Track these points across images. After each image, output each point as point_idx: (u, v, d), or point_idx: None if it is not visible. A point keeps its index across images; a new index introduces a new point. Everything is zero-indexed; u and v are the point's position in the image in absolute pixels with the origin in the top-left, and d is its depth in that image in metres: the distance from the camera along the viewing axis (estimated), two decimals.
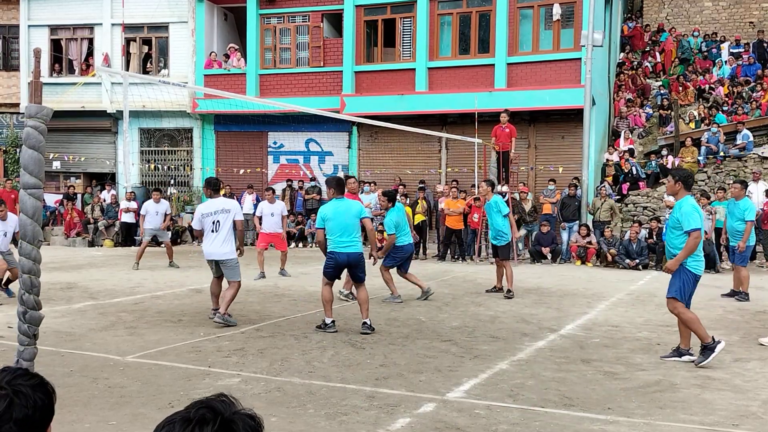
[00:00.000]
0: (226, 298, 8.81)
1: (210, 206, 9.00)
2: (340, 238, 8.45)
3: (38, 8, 23.30)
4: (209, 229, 8.88)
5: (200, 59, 22.02)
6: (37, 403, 1.59)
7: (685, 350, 7.25)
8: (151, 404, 5.56)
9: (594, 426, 5.19)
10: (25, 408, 1.56)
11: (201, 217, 8.96)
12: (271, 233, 13.72)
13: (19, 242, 4.28)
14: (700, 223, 6.89)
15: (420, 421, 5.24)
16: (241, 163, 21.88)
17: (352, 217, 8.51)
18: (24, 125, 4.39)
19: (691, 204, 7.03)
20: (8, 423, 1.54)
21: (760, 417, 5.45)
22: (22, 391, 1.58)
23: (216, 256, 8.87)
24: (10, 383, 1.59)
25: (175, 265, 14.74)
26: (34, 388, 1.60)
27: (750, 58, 22.50)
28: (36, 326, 4.27)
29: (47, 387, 1.64)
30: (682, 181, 7.12)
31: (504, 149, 16.29)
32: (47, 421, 1.62)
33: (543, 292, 11.99)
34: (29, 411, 1.57)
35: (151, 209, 15.06)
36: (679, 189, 7.15)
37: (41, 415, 1.59)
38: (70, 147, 22.91)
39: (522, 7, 19.20)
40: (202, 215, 8.96)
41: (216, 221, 8.85)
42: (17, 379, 1.60)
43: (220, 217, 8.87)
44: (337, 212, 8.46)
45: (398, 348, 7.64)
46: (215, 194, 9.29)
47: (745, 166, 18.48)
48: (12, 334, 7.01)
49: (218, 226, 8.84)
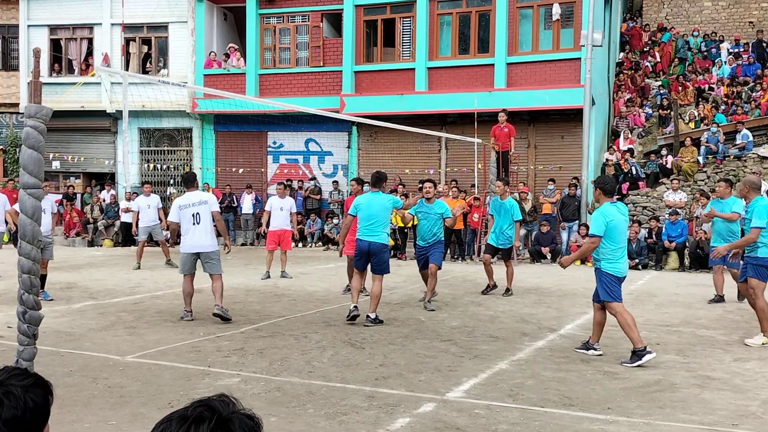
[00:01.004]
0: (218, 292, 8.91)
1: (188, 198, 9.06)
2: (366, 226, 8.92)
3: (38, 8, 23.29)
4: (189, 221, 8.92)
5: (200, 59, 22.01)
6: (28, 405, 1.57)
7: (592, 345, 7.48)
8: (151, 404, 5.56)
9: (594, 426, 5.19)
10: (14, 409, 1.55)
11: (178, 209, 9.00)
12: (279, 230, 13.38)
13: (19, 242, 4.27)
14: (601, 231, 7.10)
15: (420, 420, 5.24)
16: (241, 163, 21.88)
17: (383, 209, 8.92)
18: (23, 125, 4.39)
19: (599, 210, 7.29)
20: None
21: (759, 417, 5.45)
22: (12, 392, 1.56)
23: (199, 248, 8.91)
24: (1, 383, 1.58)
25: (172, 264, 14.67)
26: (26, 389, 1.58)
27: (749, 57, 22.49)
28: (36, 326, 4.27)
29: (43, 388, 1.62)
30: (600, 188, 7.46)
31: (503, 149, 16.29)
32: (40, 422, 1.60)
33: (543, 292, 12.00)
34: (18, 412, 1.55)
35: (143, 203, 15.07)
36: (599, 195, 7.48)
37: (32, 416, 1.58)
38: (69, 147, 22.91)
39: (521, 7, 19.20)
40: (179, 207, 9.00)
41: (196, 213, 8.89)
42: (10, 380, 1.59)
43: (200, 209, 8.91)
44: (370, 203, 8.95)
45: (398, 348, 7.64)
46: (191, 187, 9.31)
47: (745, 165, 18.47)
48: (12, 333, 7.02)
49: (199, 218, 8.89)
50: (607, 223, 7.12)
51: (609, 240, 7.14)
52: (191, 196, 9.08)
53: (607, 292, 7.19)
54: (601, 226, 7.12)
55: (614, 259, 7.18)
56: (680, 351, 7.67)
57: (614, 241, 7.16)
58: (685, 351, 7.69)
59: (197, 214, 8.89)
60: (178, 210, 8.99)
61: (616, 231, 7.18)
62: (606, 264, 7.19)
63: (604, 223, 7.12)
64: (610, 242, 7.15)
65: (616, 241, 7.17)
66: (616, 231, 7.18)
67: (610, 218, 7.15)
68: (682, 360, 7.28)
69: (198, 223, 8.90)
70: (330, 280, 13.11)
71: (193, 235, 8.90)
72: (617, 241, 7.19)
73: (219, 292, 8.91)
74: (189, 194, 9.16)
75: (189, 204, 8.97)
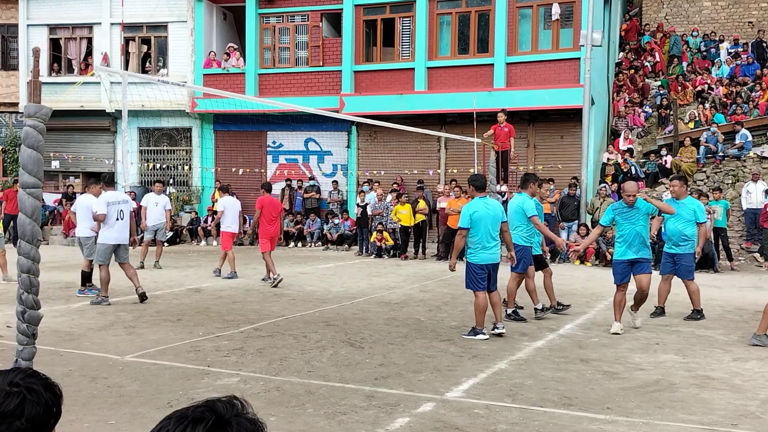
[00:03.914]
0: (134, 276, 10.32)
1: (115, 196, 10.41)
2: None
3: (37, 7, 23.28)
4: (114, 217, 10.19)
5: (199, 59, 22.01)
6: (48, 403, 1.59)
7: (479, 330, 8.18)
8: (150, 404, 5.56)
9: (593, 425, 5.19)
10: (37, 406, 1.56)
11: (107, 205, 10.22)
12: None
13: (18, 241, 4.27)
14: (465, 224, 8.14)
15: (419, 420, 5.24)
16: (240, 163, 21.87)
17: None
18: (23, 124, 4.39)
19: (466, 206, 8.30)
20: (20, 419, 1.54)
21: (758, 416, 5.46)
22: (34, 389, 1.58)
23: (122, 240, 10.30)
24: (23, 380, 1.59)
25: (158, 265, 14.53)
26: (45, 388, 1.61)
27: (749, 57, 22.50)
28: (35, 326, 4.27)
29: (55, 389, 1.64)
30: (473, 185, 8.43)
31: (503, 149, 16.29)
32: (54, 422, 1.62)
33: (542, 292, 11.97)
34: (40, 409, 1.57)
35: (152, 200, 14.98)
36: (471, 191, 8.45)
37: (50, 415, 1.60)
38: (69, 146, 22.90)
39: (521, 7, 19.20)
40: (108, 203, 10.23)
41: (120, 210, 10.27)
42: (30, 378, 1.61)
43: (123, 207, 10.34)
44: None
45: (397, 347, 7.64)
46: (110, 187, 10.66)
47: (744, 165, 18.49)
48: (11, 333, 7.01)
49: (122, 215, 10.28)
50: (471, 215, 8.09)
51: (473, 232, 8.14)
52: (117, 195, 10.50)
53: (469, 281, 8.27)
54: (465, 220, 8.13)
55: (473, 250, 8.18)
56: (679, 351, 7.68)
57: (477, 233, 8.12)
58: (685, 351, 7.69)
59: (121, 211, 10.26)
60: (107, 206, 10.21)
61: (480, 223, 8.11)
62: (468, 254, 8.23)
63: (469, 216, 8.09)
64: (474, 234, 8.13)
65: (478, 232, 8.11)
66: (480, 223, 8.11)
67: (471, 215, 8.09)
68: (681, 360, 7.28)
69: (121, 219, 10.25)
70: (329, 280, 13.11)
71: (118, 229, 10.21)
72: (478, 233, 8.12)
73: (135, 275, 10.35)
74: (114, 192, 10.57)
75: (116, 201, 10.31)
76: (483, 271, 8.16)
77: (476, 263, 8.17)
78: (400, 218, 17.52)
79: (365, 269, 15.08)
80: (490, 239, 8.19)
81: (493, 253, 8.25)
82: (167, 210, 15.16)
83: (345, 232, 19.68)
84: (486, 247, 8.15)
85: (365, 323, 8.99)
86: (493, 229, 8.24)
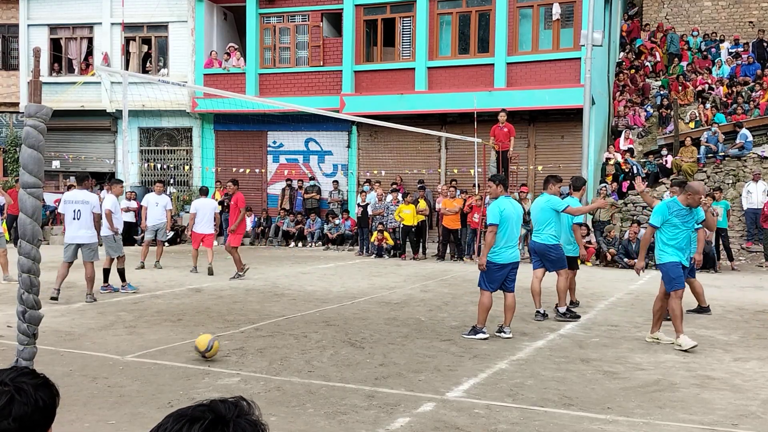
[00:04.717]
0: (90, 280, 10.26)
1: (74, 196, 10.51)
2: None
3: (38, 7, 23.29)
4: (71, 216, 10.31)
5: (200, 59, 22.01)
6: (38, 403, 1.58)
7: (480, 328, 8.12)
8: (151, 403, 5.56)
9: (593, 425, 5.19)
10: (25, 406, 1.56)
11: (64, 203, 10.48)
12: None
13: (19, 241, 4.27)
14: (495, 220, 7.98)
15: (419, 420, 5.24)
16: (241, 163, 21.88)
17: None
18: (23, 124, 4.39)
19: (495, 203, 8.16)
20: (7, 419, 1.54)
21: (759, 416, 5.46)
22: (23, 389, 1.58)
23: (79, 239, 10.31)
24: (13, 380, 1.59)
25: (159, 265, 14.59)
26: (36, 388, 1.60)
27: (749, 57, 22.48)
28: (35, 325, 4.27)
29: (51, 389, 1.64)
30: (498, 182, 8.33)
31: (503, 149, 16.29)
32: (48, 422, 1.61)
33: (542, 292, 11.96)
34: (29, 409, 1.56)
35: (152, 200, 15.02)
36: (497, 190, 8.29)
37: (41, 415, 1.59)
38: (69, 146, 22.92)
39: (521, 7, 19.20)
40: (65, 202, 10.49)
41: (77, 210, 10.28)
42: (21, 377, 1.60)
43: (81, 207, 10.30)
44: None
45: (398, 347, 7.64)
46: (80, 186, 10.73)
47: (745, 165, 18.49)
48: (11, 333, 7.02)
49: (79, 214, 10.28)
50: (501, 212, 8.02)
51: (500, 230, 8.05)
52: (77, 194, 10.48)
53: (482, 279, 8.15)
54: (495, 216, 8.02)
55: (495, 250, 8.04)
56: (680, 351, 7.67)
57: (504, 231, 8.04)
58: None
59: (78, 211, 10.28)
60: (64, 204, 10.44)
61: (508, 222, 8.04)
62: (489, 253, 8.07)
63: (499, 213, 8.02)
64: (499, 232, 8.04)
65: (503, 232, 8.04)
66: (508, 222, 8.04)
67: (501, 211, 8.04)
68: (681, 360, 7.28)
69: (78, 218, 10.27)
70: (330, 280, 13.11)
71: (73, 228, 10.31)
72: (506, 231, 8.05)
73: (91, 279, 10.27)
74: (76, 192, 10.63)
75: (73, 201, 10.38)
76: (501, 271, 8.06)
77: (496, 262, 8.03)
78: (404, 218, 17.50)
79: (366, 269, 15.08)
80: (514, 237, 8.18)
81: (515, 252, 8.24)
82: (168, 210, 15.17)
83: (345, 232, 19.68)
84: (510, 245, 8.10)
85: (366, 323, 8.99)
86: (517, 228, 8.30)
